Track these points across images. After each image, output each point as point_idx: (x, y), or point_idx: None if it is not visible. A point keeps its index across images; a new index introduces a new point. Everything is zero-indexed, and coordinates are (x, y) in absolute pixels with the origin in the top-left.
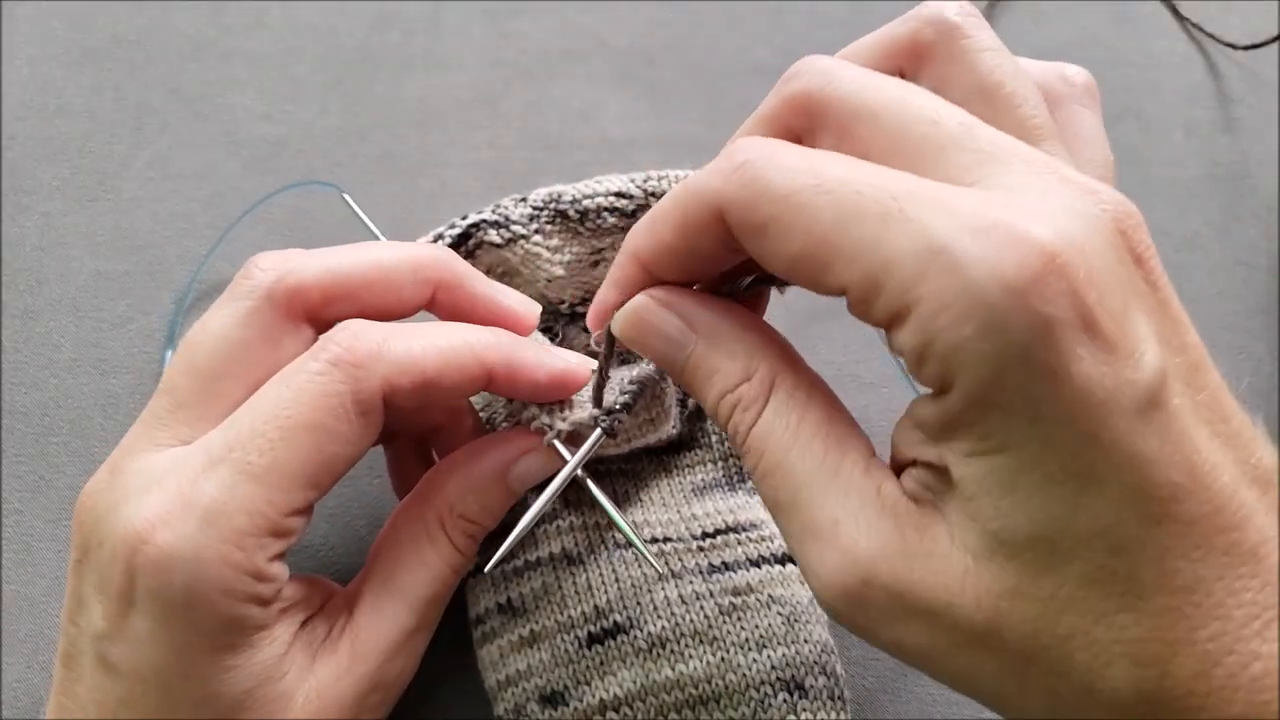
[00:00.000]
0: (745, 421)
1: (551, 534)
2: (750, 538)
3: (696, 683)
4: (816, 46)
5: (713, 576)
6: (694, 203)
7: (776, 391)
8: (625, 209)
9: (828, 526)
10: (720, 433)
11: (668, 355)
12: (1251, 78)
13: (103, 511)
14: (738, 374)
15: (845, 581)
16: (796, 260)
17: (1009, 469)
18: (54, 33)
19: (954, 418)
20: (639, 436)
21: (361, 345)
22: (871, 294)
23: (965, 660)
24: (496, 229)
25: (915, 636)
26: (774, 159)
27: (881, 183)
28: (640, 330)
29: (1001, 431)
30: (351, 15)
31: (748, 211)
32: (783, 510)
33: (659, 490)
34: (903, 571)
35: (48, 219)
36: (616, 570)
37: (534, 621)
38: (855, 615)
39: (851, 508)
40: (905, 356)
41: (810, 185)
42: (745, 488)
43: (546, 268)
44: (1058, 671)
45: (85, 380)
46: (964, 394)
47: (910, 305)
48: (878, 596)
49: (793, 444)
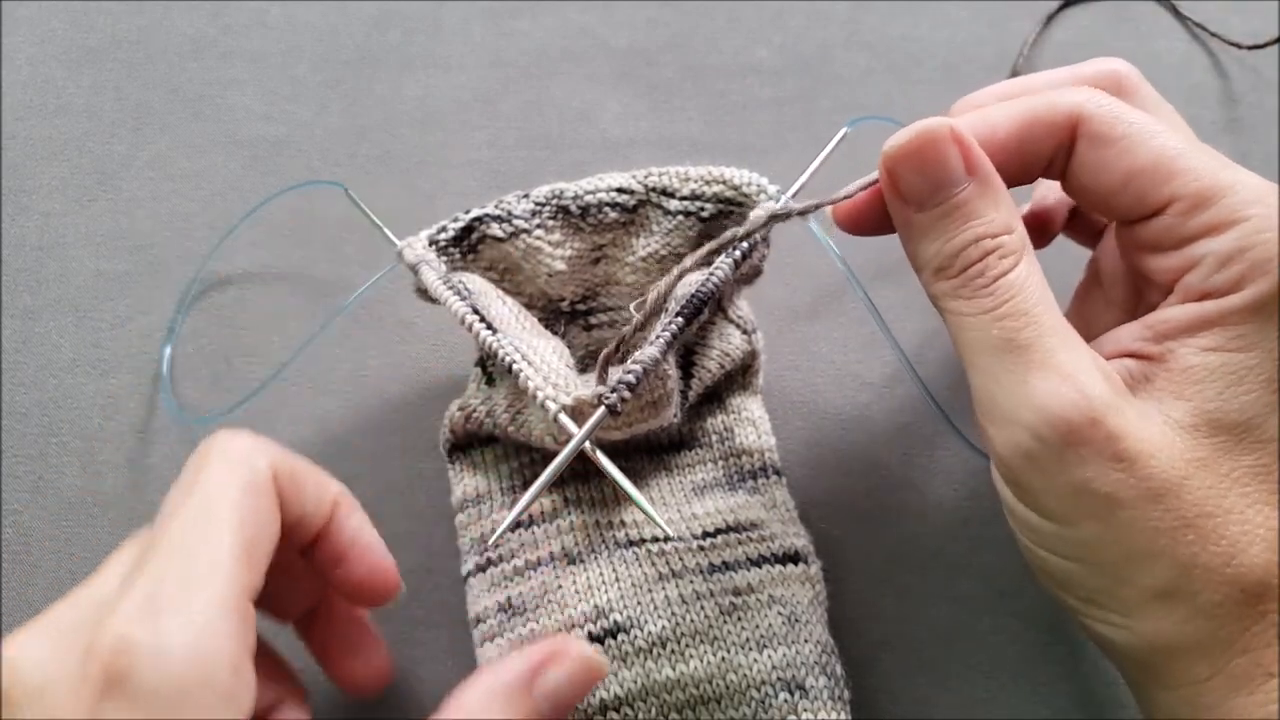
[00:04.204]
0: (1001, 267)
1: (551, 533)
2: (751, 537)
3: (697, 683)
4: (816, 46)
5: (713, 576)
6: (1047, 106)
7: (1028, 254)
8: (626, 204)
9: (1068, 367)
10: (721, 432)
11: (937, 182)
12: (1253, 77)
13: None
14: (1002, 224)
15: (1073, 415)
16: (1138, 171)
17: (1245, 366)
18: (54, 33)
19: (1219, 316)
20: (640, 420)
21: (232, 437)
22: (1203, 205)
23: (1139, 511)
24: (499, 223)
25: (1108, 477)
26: (1123, 105)
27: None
28: (923, 149)
29: (1255, 336)
30: (351, 15)
31: (1106, 124)
32: (1017, 349)
33: (659, 490)
34: (1122, 421)
35: (48, 219)
36: (617, 570)
37: (534, 621)
38: (1064, 449)
39: (1085, 362)
40: (1205, 260)
41: (1156, 123)
42: (745, 487)
43: (548, 262)
44: (1210, 539)
45: (85, 380)
46: (1251, 295)
47: (1241, 218)
48: (1096, 435)
49: (1041, 298)
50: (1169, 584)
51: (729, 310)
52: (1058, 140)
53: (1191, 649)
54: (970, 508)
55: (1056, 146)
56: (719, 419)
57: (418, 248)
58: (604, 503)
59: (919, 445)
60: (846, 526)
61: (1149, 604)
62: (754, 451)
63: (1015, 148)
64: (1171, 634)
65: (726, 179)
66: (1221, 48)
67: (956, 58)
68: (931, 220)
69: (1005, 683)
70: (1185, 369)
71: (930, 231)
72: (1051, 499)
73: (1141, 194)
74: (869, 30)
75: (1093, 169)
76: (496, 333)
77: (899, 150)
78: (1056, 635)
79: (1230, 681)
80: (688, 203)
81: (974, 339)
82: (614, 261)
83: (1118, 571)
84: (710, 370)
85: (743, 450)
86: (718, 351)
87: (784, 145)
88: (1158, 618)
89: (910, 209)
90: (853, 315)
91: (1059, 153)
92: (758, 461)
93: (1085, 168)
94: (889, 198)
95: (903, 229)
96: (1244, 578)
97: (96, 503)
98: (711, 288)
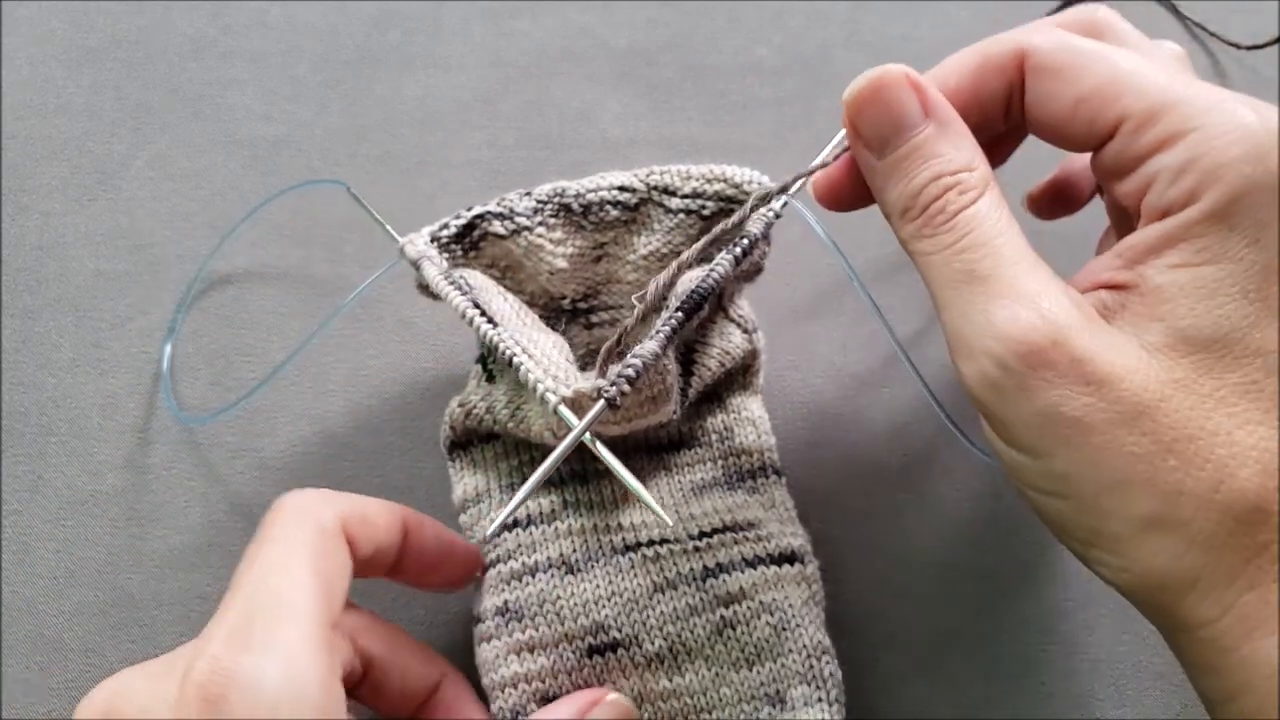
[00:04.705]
0: (960, 202)
1: (550, 537)
2: (747, 537)
3: (692, 693)
4: (816, 46)
5: (706, 583)
6: (998, 46)
7: (991, 189)
8: (628, 202)
9: (1028, 292)
10: (720, 432)
11: (896, 125)
12: (1253, 78)
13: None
14: (961, 162)
15: (1034, 338)
16: (1085, 95)
17: (1214, 279)
18: (54, 33)
19: (1178, 231)
20: (640, 415)
21: (300, 494)
22: (1152, 120)
23: (1112, 436)
24: (501, 220)
25: (1075, 401)
26: (1070, 35)
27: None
28: (881, 93)
29: (1219, 247)
30: (351, 15)
31: (1049, 54)
32: (978, 279)
33: (657, 489)
34: (1089, 342)
35: (48, 219)
36: (614, 582)
37: (532, 628)
38: (1027, 374)
39: (1050, 288)
40: (1160, 176)
41: (1106, 48)
42: (744, 486)
43: (549, 260)
44: (1193, 463)
45: (84, 380)
46: (1207, 205)
47: (1190, 130)
48: (1060, 358)
49: (1003, 231)
50: (1155, 513)
51: (730, 309)
52: (1008, 79)
53: (1192, 585)
54: (970, 508)
55: (1008, 85)
56: (719, 418)
57: (419, 244)
58: (603, 505)
59: (919, 445)
60: (846, 526)
61: (1139, 537)
62: (753, 451)
63: (970, 92)
64: (1168, 569)
65: (728, 177)
66: (1221, 48)
67: None
68: (894, 164)
69: (1005, 683)
70: (1154, 289)
71: (893, 175)
72: (1023, 430)
73: (1091, 118)
74: (869, 30)
75: (1043, 100)
76: (497, 326)
77: (857, 96)
78: (1056, 635)
79: (1242, 622)
80: (689, 201)
81: (938, 276)
82: (615, 260)
83: (1100, 503)
84: (710, 368)
85: (742, 450)
86: (718, 350)
87: (784, 145)
88: (1151, 551)
89: (874, 155)
90: (853, 315)
91: (1012, 91)
92: (757, 461)
93: (1036, 101)
94: (854, 148)
95: (870, 177)
96: (1235, 504)
97: (96, 503)
98: (712, 283)
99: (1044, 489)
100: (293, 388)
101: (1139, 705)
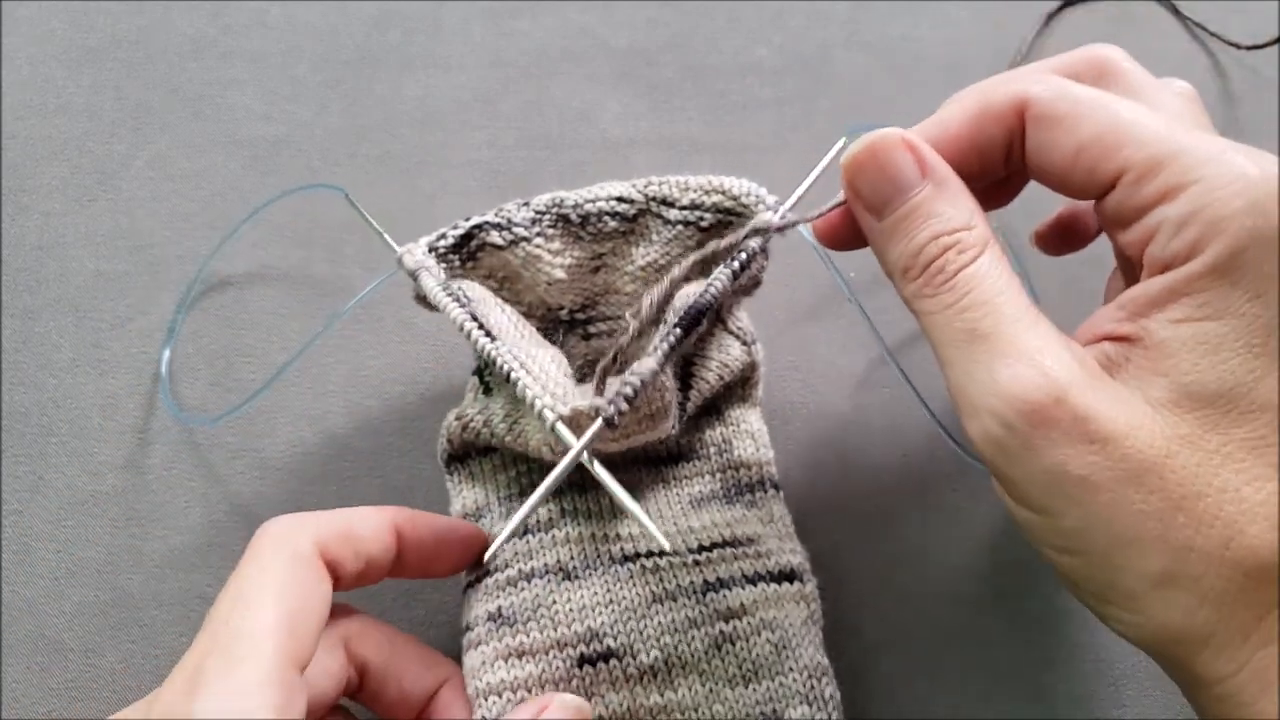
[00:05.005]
0: (960, 261)
1: (547, 544)
2: (747, 553)
3: (683, 709)
4: (816, 46)
5: (706, 597)
6: (998, 94)
7: (991, 248)
8: (626, 213)
9: (1030, 351)
10: (719, 444)
11: (893, 188)
12: (1253, 78)
13: None
14: (960, 221)
15: (1037, 397)
16: (1086, 143)
17: (1217, 334)
18: (54, 33)
19: (1181, 285)
20: (638, 433)
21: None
22: (1153, 172)
23: (1120, 494)
24: (499, 230)
25: (1081, 460)
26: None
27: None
28: (877, 158)
29: (1222, 302)
30: (351, 15)
31: (1048, 104)
32: (979, 339)
33: (656, 502)
34: (1091, 400)
35: (48, 219)
36: (611, 590)
37: (524, 634)
38: (1031, 433)
39: (1051, 345)
40: (1161, 228)
41: (1106, 96)
42: (743, 500)
43: (547, 270)
44: (1203, 520)
45: (84, 380)
46: (1210, 259)
47: (1192, 181)
48: (1063, 416)
49: (1004, 289)
50: (1166, 570)
51: (728, 321)
52: (1007, 127)
53: (1206, 641)
54: (969, 509)
55: (1008, 133)
56: (717, 431)
57: (417, 254)
58: (600, 514)
59: (918, 447)
60: (846, 527)
61: (1151, 593)
62: (752, 464)
63: (969, 141)
64: (1181, 625)
65: (726, 189)
66: (1221, 48)
67: (956, 58)
68: (893, 225)
69: (1005, 683)
70: (1158, 344)
71: (893, 236)
72: (1032, 488)
73: (1092, 168)
74: (869, 30)
75: (1043, 150)
76: (495, 340)
77: (853, 162)
78: (1056, 635)
79: (1259, 678)
80: (687, 212)
81: (941, 335)
82: (613, 270)
83: (1111, 560)
84: (709, 382)
85: (741, 463)
86: (716, 363)
87: (784, 145)
88: (1163, 608)
89: (873, 217)
90: (852, 317)
91: (1013, 140)
92: (756, 475)
93: (1036, 150)
94: (855, 209)
95: (871, 238)
96: (1245, 560)
97: (96, 503)
98: (710, 299)
99: (1057, 545)
100: (293, 389)
101: (1139, 705)
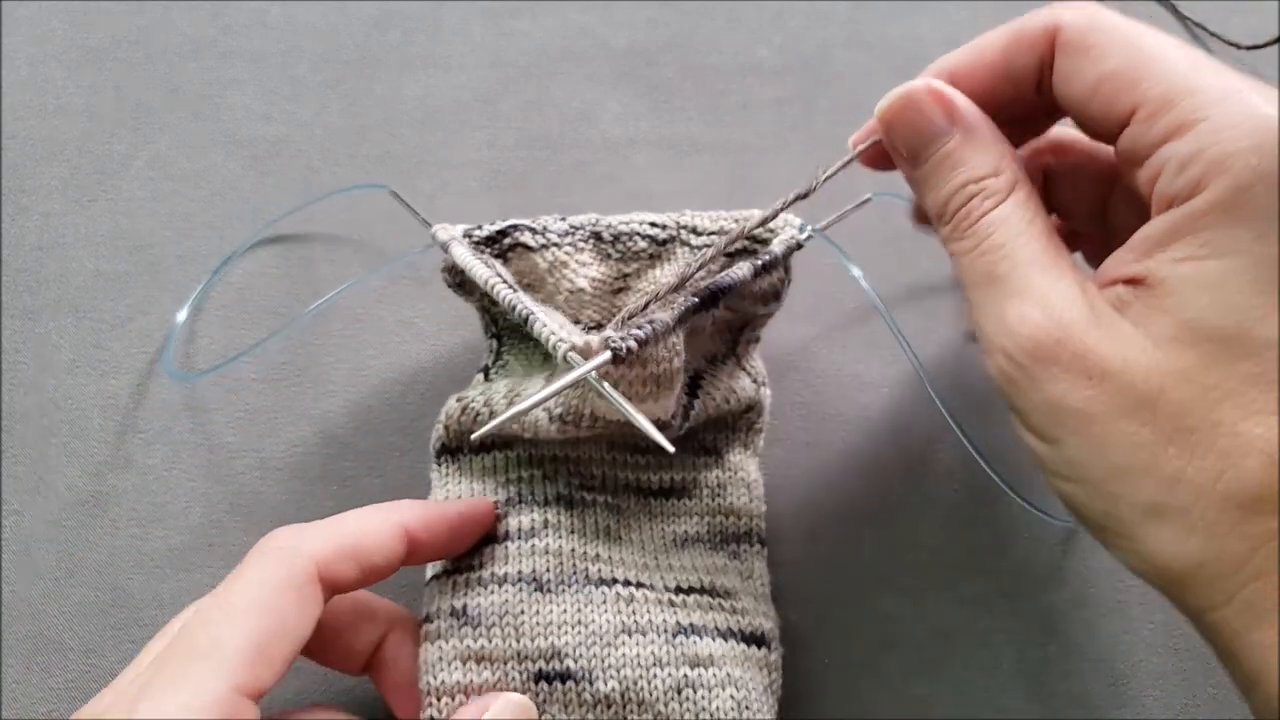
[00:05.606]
0: (984, 207)
1: (525, 552)
2: (723, 605)
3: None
4: (816, 46)
5: (676, 639)
6: (1030, 21)
7: (1016, 192)
8: (656, 236)
9: (1039, 292)
10: (713, 487)
11: (924, 138)
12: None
13: None
14: (987, 168)
15: (1041, 335)
16: (1107, 75)
17: (1220, 271)
18: (54, 33)
19: (1185, 223)
20: (641, 395)
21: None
22: (1165, 108)
23: (1113, 426)
24: (532, 233)
25: (1079, 393)
26: (1105, 11)
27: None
28: (907, 110)
29: (1225, 239)
30: (351, 15)
31: (1078, 32)
32: (995, 280)
33: (639, 532)
34: (1092, 338)
35: (48, 219)
36: (582, 611)
37: (485, 639)
38: (1034, 368)
39: (1060, 287)
40: (1167, 166)
41: (1138, 28)
42: (726, 550)
43: (570, 277)
44: (1195, 453)
45: (85, 381)
46: (1213, 196)
47: (1200, 119)
48: (1064, 353)
49: (1022, 232)
50: (1156, 500)
51: (744, 359)
52: (1039, 54)
53: (1197, 571)
54: (970, 508)
55: (1039, 60)
56: (714, 473)
57: (453, 230)
58: (584, 533)
59: (919, 445)
60: (846, 526)
61: (1143, 522)
62: (742, 514)
63: (1003, 67)
64: (1172, 554)
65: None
66: (1221, 48)
67: None
68: (927, 173)
69: (1005, 683)
70: (1161, 282)
71: (927, 183)
72: (1037, 418)
73: (1110, 100)
74: (869, 30)
75: (1068, 78)
76: (517, 291)
77: (886, 113)
78: (1056, 635)
79: (1248, 610)
80: (713, 238)
81: (967, 277)
82: (635, 294)
83: (1106, 488)
84: (715, 399)
85: (731, 510)
86: (725, 386)
87: (784, 145)
88: (1155, 537)
89: (910, 166)
90: (853, 316)
91: (1044, 67)
92: (744, 525)
93: (1060, 77)
94: (895, 160)
95: (912, 187)
96: (1238, 494)
97: (96, 503)
98: (730, 281)
99: (1062, 474)
100: (293, 388)
101: (1139, 705)
